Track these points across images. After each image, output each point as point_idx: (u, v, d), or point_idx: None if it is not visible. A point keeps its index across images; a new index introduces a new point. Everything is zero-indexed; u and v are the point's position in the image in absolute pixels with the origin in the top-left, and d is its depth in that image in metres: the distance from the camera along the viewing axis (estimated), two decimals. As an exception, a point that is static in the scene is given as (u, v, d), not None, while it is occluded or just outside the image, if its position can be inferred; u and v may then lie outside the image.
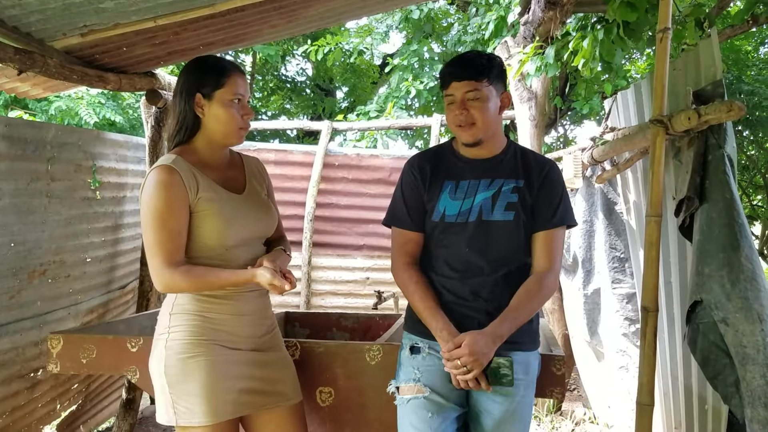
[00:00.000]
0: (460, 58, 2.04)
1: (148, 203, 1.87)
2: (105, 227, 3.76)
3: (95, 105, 6.84)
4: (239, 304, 1.98)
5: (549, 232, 2.02)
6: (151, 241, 1.87)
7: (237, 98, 1.95)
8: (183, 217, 1.88)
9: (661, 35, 2.23)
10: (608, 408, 3.96)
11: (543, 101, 4.68)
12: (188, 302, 1.94)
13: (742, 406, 1.97)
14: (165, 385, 1.90)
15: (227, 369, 1.93)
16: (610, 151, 3.18)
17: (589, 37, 3.37)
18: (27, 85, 3.32)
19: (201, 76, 1.95)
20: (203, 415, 1.87)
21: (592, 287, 3.95)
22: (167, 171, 1.87)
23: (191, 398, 1.88)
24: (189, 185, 1.89)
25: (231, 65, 2.00)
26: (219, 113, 1.94)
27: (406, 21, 7.62)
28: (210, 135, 1.98)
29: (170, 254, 1.85)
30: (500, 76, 2.03)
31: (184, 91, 1.95)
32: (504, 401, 1.93)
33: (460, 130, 2.00)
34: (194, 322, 1.92)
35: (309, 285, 5.30)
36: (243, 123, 1.98)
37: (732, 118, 2.09)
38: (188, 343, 1.90)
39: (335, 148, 5.57)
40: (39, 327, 3.14)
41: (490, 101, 1.98)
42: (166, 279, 1.85)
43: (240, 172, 2.10)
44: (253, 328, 2.03)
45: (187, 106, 1.94)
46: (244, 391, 1.96)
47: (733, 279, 2.03)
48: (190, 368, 1.89)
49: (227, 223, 1.93)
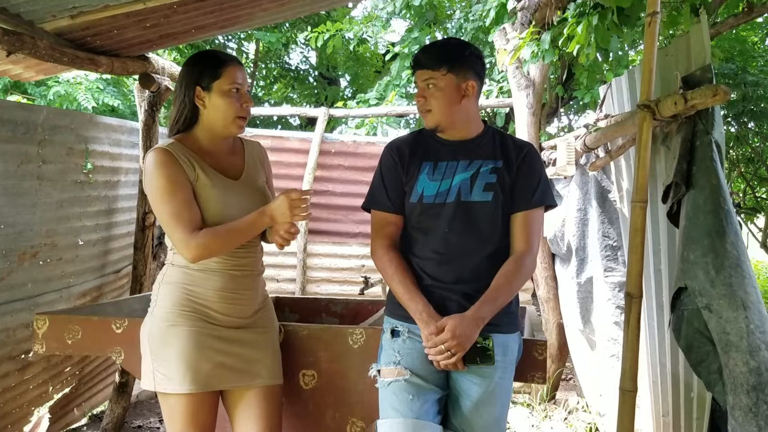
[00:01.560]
0: (425, 47, 2.14)
1: (152, 184, 1.97)
2: (98, 211, 3.76)
3: (94, 90, 6.85)
4: (223, 281, 2.04)
5: (528, 212, 2.03)
6: (167, 217, 1.95)
7: (235, 88, 2.03)
8: (188, 188, 1.97)
9: (649, 19, 2.21)
10: (600, 396, 3.96)
11: (540, 89, 4.66)
12: (177, 273, 2.03)
13: (725, 393, 1.96)
14: (148, 351, 2.02)
15: (205, 341, 2.00)
16: (602, 137, 3.16)
17: (584, 23, 3.35)
18: (20, 67, 3.32)
19: (199, 69, 2.04)
20: (179, 382, 1.96)
21: (585, 276, 3.95)
22: (162, 152, 1.98)
23: (169, 365, 1.97)
24: (187, 166, 1.98)
25: (228, 57, 2.09)
26: (218, 103, 2.02)
27: (407, 8, 7.56)
28: (210, 125, 2.07)
29: (190, 222, 1.93)
30: (465, 64, 2.03)
31: (183, 83, 2.05)
32: (482, 383, 1.94)
33: (422, 116, 2.08)
34: (178, 293, 2.01)
35: (304, 272, 5.30)
36: (242, 111, 2.06)
37: (717, 102, 2.07)
38: (170, 312, 2.00)
39: (332, 135, 5.56)
40: (30, 309, 3.14)
41: (446, 89, 2.01)
42: (194, 245, 1.92)
43: (240, 158, 2.18)
44: (240, 306, 2.08)
45: (186, 99, 2.04)
46: (219, 365, 2.02)
47: (718, 265, 2.03)
48: (169, 336, 1.98)
49: (223, 206, 2.01)
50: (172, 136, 2.08)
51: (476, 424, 1.94)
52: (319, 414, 2.32)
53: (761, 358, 1.89)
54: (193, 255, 1.95)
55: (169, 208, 1.94)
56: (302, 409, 2.32)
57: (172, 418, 1.99)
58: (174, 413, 1.99)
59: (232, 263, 2.06)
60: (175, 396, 1.97)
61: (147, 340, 2.02)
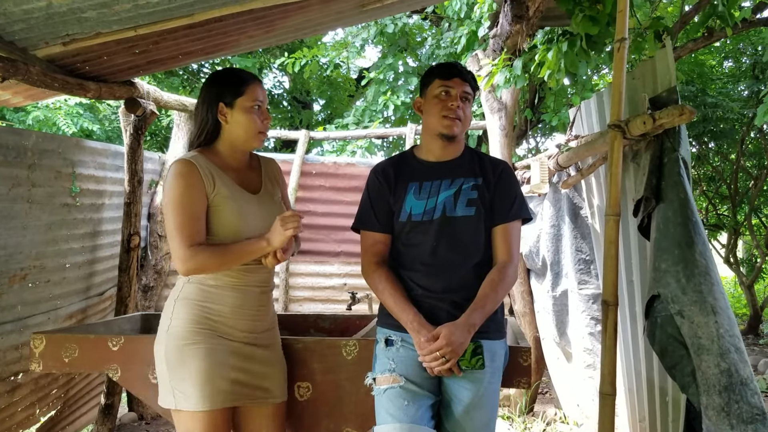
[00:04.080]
0: (461, 65, 2.26)
1: (169, 192, 2.02)
2: (84, 233, 3.80)
3: (73, 115, 6.86)
4: (242, 297, 2.10)
5: (507, 225, 2.18)
6: (172, 225, 2.00)
7: (257, 105, 2.12)
8: (201, 203, 2.03)
9: (618, 45, 2.38)
10: (577, 406, 4.08)
11: (512, 112, 4.84)
12: (193, 291, 2.07)
13: (699, 394, 2.07)
14: (165, 370, 2.03)
15: (222, 358, 2.04)
16: (574, 156, 3.33)
17: (554, 50, 3.52)
18: (8, 93, 3.37)
19: (223, 87, 2.12)
20: (197, 400, 1.98)
21: (560, 289, 4.09)
22: (185, 163, 2.04)
23: (187, 383, 1.99)
24: (206, 178, 2.04)
25: (249, 75, 2.17)
26: (241, 119, 2.10)
27: (381, 35, 7.76)
28: (232, 140, 2.14)
29: (191, 236, 1.98)
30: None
31: (206, 101, 2.11)
32: (473, 388, 2.04)
33: (447, 121, 2.16)
34: (195, 310, 2.05)
35: (287, 291, 5.37)
36: (263, 127, 2.15)
37: (683, 122, 2.24)
38: (188, 330, 2.03)
39: (312, 157, 5.66)
40: (19, 331, 3.17)
41: (470, 110, 2.23)
42: (188, 258, 1.96)
43: (257, 174, 2.25)
44: (253, 322, 2.15)
45: (209, 115, 2.11)
46: (236, 382, 2.06)
47: (688, 274, 2.16)
48: (187, 355, 2.01)
49: (241, 219, 2.07)
50: (194, 149, 2.14)
51: (468, 428, 2.04)
52: (315, 425, 2.38)
53: (731, 360, 2.01)
54: (187, 268, 1.99)
55: (177, 218, 1.99)
56: (297, 421, 2.39)
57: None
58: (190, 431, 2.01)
59: (248, 279, 2.12)
60: (192, 413, 1.99)
61: (164, 358, 2.03)
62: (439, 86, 2.17)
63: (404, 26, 7.86)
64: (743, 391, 1.96)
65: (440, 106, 2.16)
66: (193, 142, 2.17)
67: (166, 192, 2.04)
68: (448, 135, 2.18)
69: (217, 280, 2.07)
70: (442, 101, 2.16)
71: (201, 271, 2.03)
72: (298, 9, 3.11)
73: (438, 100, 2.17)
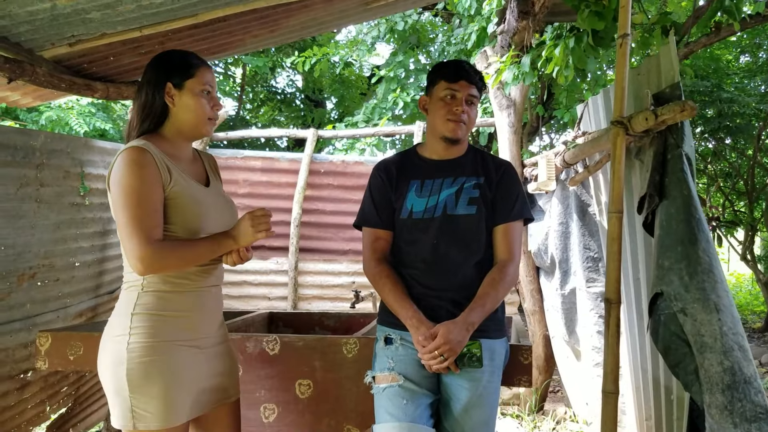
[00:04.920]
0: (468, 64, 2.23)
1: (121, 182, 1.78)
2: (93, 232, 3.84)
3: (85, 115, 6.94)
4: (201, 299, 1.95)
5: (508, 224, 2.18)
6: (127, 221, 1.76)
7: (206, 89, 1.95)
8: (159, 194, 1.82)
9: (620, 41, 2.36)
10: (586, 405, 4.06)
11: (521, 109, 4.81)
12: (151, 301, 1.85)
13: (702, 393, 2.06)
14: (125, 388, 1.81)
15: (188, 371, 1.89)
16: (580, 153, 3.31)
17: (561, 46, 3.50)
18: (17, 94, 3.42)
19: (171, 66, 1.94)
20: (162, 419, 1.82)
21: (569, 287, 4.07)
22: (139, 151, 1.81)
23: (152, 401, 1.81)
24: (162, 168, 1.84)
25: (198, 58, 2.01)
26: (189, 103, 1.92)
27: (391, 32, 7.76)
28: (179, 125, 1.95)
29: (150, 231, 1.77)
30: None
31: (152, 81, 1.92)
32: (471, 387, 2.03)
33: (451, 124, 2.16)
34: (155, 323, 1.84)
35: (296, 290, 5.38)
36: (212, 114, 1.97)
37: (685, 118, 2.21)
38: (150, 346, 1.82)
39: (321, 156, 5.68)
40: (29, 329, 3.21)
41: (476, 112, 2.24)
42: (148, 257, 1.75)
43: (201, 166, 2.09)
44: (212, 323, 2.01)
45: (156, 96, 1.90)
46: (200, 392, 1.94)
47: (691, 271, 2.14)
48: (152, 371, 1.81)
49: (201, 214, 1.92)
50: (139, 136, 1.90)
51: (467, 426, 2.03)
52: (316, 422, 2.40)
53: (734, 358, 1.99)
54: (146, 268, 1.76)
55: (132, 212, 1.76)
56: (299, 418, 2.40)
57: None
58: None
59: (206, 280, 1.96)
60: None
61: (124, 377, 1.80)
62: (444, 89, 2.16)
63: (415, 23, 7.85)
64: (746, 389, 1.95)
65: (445, 109, 2.15)
66: (135, 127, 1.93)
67: (119, 182, 1.78)
68: (452, 138, 2.18)
69: (174, 285, 1.88)
70: (447, 104, 2.15)
71: (161, 271, 1.83)
72: (302, 8, 3.13)
73: (443, 102, 2.16)
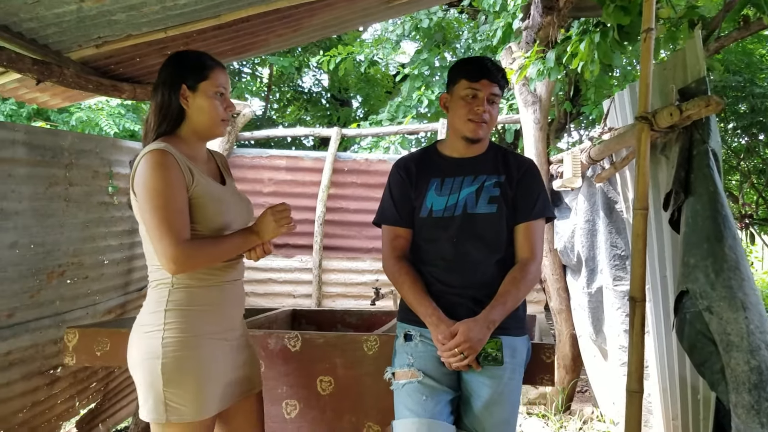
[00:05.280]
0: (490, 61, 2.18)
1: (147, 185, 1.83)
2: (122, 231, 3.90)
3: (115, 116, 7.06)
4: (225, 293, 2.01)
5: (530, 223, 2.16)
6: (156, 223, 1.82)
7: (220, 91, 1.99)
8: (184, 196, 1.88)
9: (644, 35, 2.33)
10: (613, 404, 4.01)
11: (547, 105, 4.77)
12: (182, 296, 1.91)
13: (728, 392, 2.02)
14: (159, 382, 1.86)
15: (218, 364, 1.95)
16: (605, 149, 3.26)
17: (586, 41, 3.46)
18: (46, 95, 3.49)
19: (185, 68, 1.97)
20: (195, 411, 1.88)
21: (596, 286, 4.02)
22: (161, 153, 1.85)
23: (186, 395, 1.87)
24: (184, 169, 1.89)
25: (213, 60, 2.04)
26: (203, 104, 1.96)
27: (416, 30, 7.74)
28: (194, 126, 1.99)
29: (179, 232, 1.83)
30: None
31: (168, 82, 1.96)
32: (492, 384, 2.02)
33: (472, 125, 2.13)
34: (188, 317, 1.91)
35: (320, 287, 5.41)
36: (225, 115, 2.02)
37: (711, 112, 2.18)
38: (184, 340, 1.89)
39: (345, 154, 5.70)
40: (58, 326, 3.27)
41: (497, 109, 2.20)
42: (180, 256, 1.81)
43: (214, 164, 2.14)
44: (236, 315, 2.08)
45: (172, 97, 1.94)
46: (228, 383, 2.00)
47: (717, 269, 2.10)
48: (186, 365, 1.88)
49: (222, 212, 1.97)
50: (155, 139, 1.94)
51: (487, 424, 2.02)
52: (337, 419, 2.41)
53: (762, 357, 1.95)
54: (179, 267, 1.83)
55: (161, 214, 1.81)
56: (320, 414, 2.42)
57: None
58: None
59: (230, 274, 2.03)
60: (186, 424, 1.89)
61: (159, 370, 1.86)
62: (465, 88, 2.13)
63: (440, 20, 7.82)
64: (774, 389, 1.91)
65: (466, 109, 2.12)
66: (153, 129, 1.96)
67: (144, 185, 1.83)
68: (473, 139, 2.16)
69: (201, 281, 1.94)
70: (468, 104, 2.12)
71: (192, 269, 1.89)
72: (324, 6, 3.14)
73: (464, 102, 2.13)
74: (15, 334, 3.02)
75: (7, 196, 2.88)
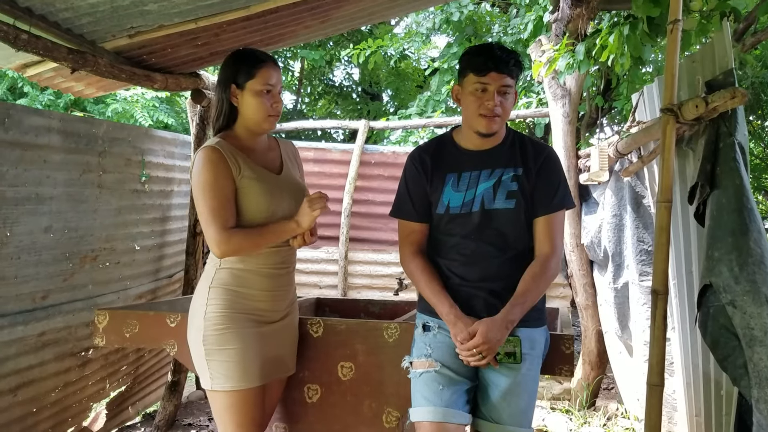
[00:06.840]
0: (499, 49, 2.08)
1: (198, 179, 2.08)
2: (153, 218, 4.00)
3: (149, 108, 7.20)
4: (269, 279, 2.19)
5: (549, 216, 2.13)
6: (206, 211, 2.06)
7: (267, 89, 2.14)
8: (230, 188, 2.09)
9: (671, 27, 2.30)
10: (638, 401, 3.97)
11: (577, 98, 4.72)
12: (226, 276, 2.14)
13: (750, 387, 2.01)
14: (203, 353, 2.12)
15: (257, 339, 2.15)
16: (633, 143, 3.23)
17: (616, 33, 3.43)
18: (81, 84, 3.58)
19: (236, 68, 2.16)
20: (236, 380, 2.10)
21: (622, 281, 3.98)
22: (212, 150, 2.10)
23: (225, 364, 2.09)
24: (231, 163, 2.10)
25: (264, 56, 2.18)
26: (251, 102, 2.14)
27: (447, 23, 7.72)
28: (245, 122, 2.19)
29: (225, 220, 2.06)
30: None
31: (221, 82, 2.17)
32: (510, 374, 2.03)
33: (484, 120, 2.06)
34: (229, 296, 2.13)
35: (345, 279, 5.46)
36: (272, 111, 2.17)
37: (736, 104, 2.15)
38: (224, 315, 2.12)
39: (372, 147, 5.73)
40: (90, 309, 3.37)
41: (513, 99, 2.11)
42: (224, 241, 2.04)
43: (277, 154, 2.32)
44: (280, 302, 2.25)
45: (224, 96, 2.16)
46: (268, 360, 2.18)
47: (741, 263, 2.07)
48: (225, 339, 2.10)
49: (268, 199, 2.14)
50: (217, 134, 2.20)
51: (504, 413, 2.03)
52: (357, 403, 2.45)
53: (785, 353, 1.94)
54: (223, 252, 2.06)
55: (210, 203, 2.06)
56: (340, 399, 2.45)
57: (228, 413, 2.11)
58: (229, 409, 2.11)
59: (274, 260, 2.20)
60: (229, 392, 2.10)
61: (201, 342, 2.12)
62: (474, 82, 2.06)
63: (471, 13, 7.77)
64: (797, 385, 1.89)
65: (477, 103, 2.06)
66: (213, 125, 2.25)
67: (196, 179, 2.10)
68: (486, 134, 2.11)
69: (247, 264, 2.15)
70: (478, 98, 2.05)
71: (236, 254, 2.11)
72: (351, -3, 3.16)
73: (474, 97, 2.06)
74: (49, 316, 3.12)
75: (42, 181, 2.98)
